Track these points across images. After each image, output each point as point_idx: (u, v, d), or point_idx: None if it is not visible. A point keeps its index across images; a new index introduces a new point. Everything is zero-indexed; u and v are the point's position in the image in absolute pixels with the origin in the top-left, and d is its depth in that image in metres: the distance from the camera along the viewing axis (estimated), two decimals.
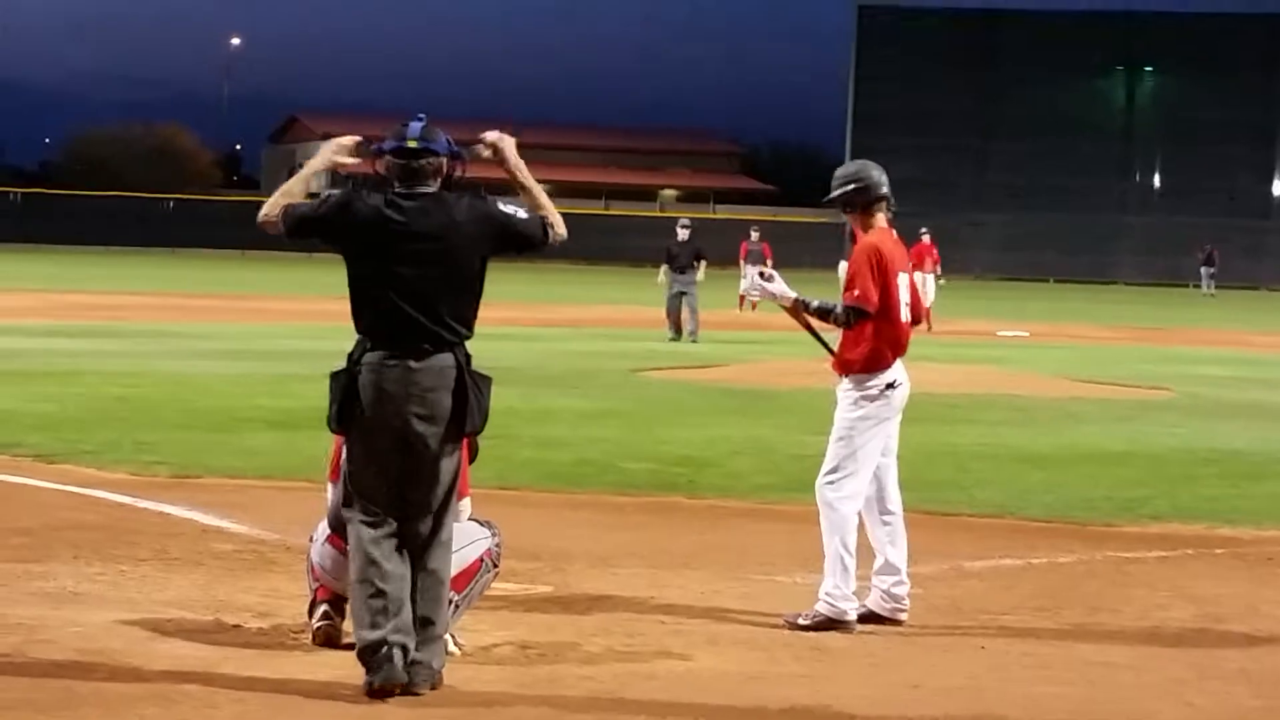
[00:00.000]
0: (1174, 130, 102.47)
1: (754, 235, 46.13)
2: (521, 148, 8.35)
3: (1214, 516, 13.61)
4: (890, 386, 9.47)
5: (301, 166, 8.26)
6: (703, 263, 34.53)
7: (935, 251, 42.29)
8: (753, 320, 41.70)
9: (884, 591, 9.62)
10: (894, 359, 9.54)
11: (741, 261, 45.52)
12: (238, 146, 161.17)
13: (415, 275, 7.72)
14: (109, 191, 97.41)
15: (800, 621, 9.35)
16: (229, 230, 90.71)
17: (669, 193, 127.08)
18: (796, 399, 22.20)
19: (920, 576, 10.88)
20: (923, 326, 39.36)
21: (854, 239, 9.78)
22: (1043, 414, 21.33)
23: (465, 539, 8.61)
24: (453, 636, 8.47)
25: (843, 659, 8.75)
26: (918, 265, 41.99)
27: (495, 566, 8.76)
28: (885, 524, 9.70)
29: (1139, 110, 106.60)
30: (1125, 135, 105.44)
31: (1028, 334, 40.80)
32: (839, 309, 9.42)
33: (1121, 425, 20.39)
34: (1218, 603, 10.34)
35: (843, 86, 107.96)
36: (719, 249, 70.87)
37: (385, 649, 7.59)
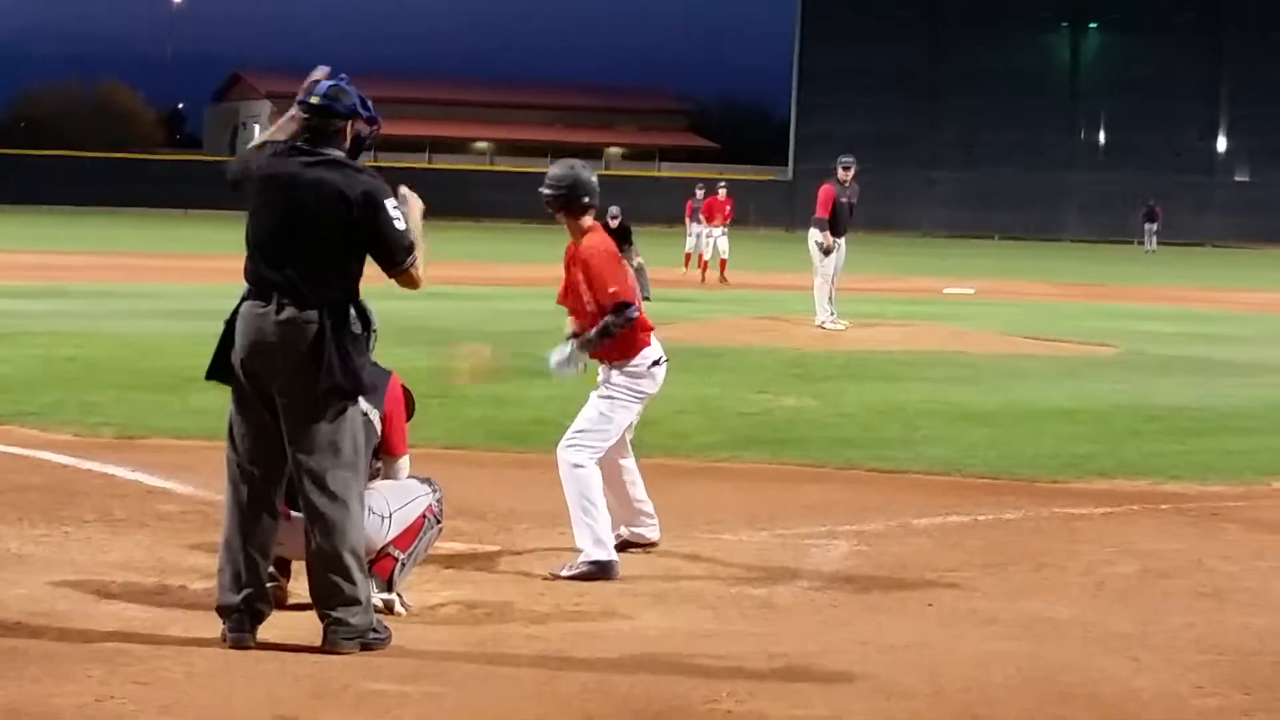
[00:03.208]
0: (1119, 87, 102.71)
1: (699, 193, 46.04)
2: (467, 105, 8.31)
3: (1159, 472, 13.68)
4: (656, 364, 9.95)
5: (245, 126, 8.25)
6: (634, 248, 33.33)
7: (728, 208, 42.74)
8: (704, 278, 41.71)
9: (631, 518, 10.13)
10: (649, 336, 9.97)
11: (687, 219, 45.42)
12: (180, 105, 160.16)
13: (286, 230, 7.71)
14: (52, 150, 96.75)
15: (564, 573, 9.47)
16: (172, 189, 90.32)
17: (614, 150, 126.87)
18: (742, 357, 22.22)
19: (868, 534, 10.95)
20: (714, 277, 40.45)
21: (578, 237, 10.03)
22: (989, 371, 21.39)
23: (406, 496, 8.62)
24: (400, 596, 8.48)
25: (790, 616, 8.76)
26: (709, 219, 42.59)
27: (439, 522, 8.77)
28: (625, 474, 10.11)
29: (1084, 67, 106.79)
30: (1070, 92, 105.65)
31: (973, 291, 40.92)
32: (609, 317, 9.74)
33: (1067, 382, 20.47)
34: (1163, 558, 10.40)
35: (789, 43, 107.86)
36: (665, 207, 70.95)
37: (236, 615, 7.75)
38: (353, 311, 7.88)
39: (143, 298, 30.64)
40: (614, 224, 33.39)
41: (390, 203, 7.80)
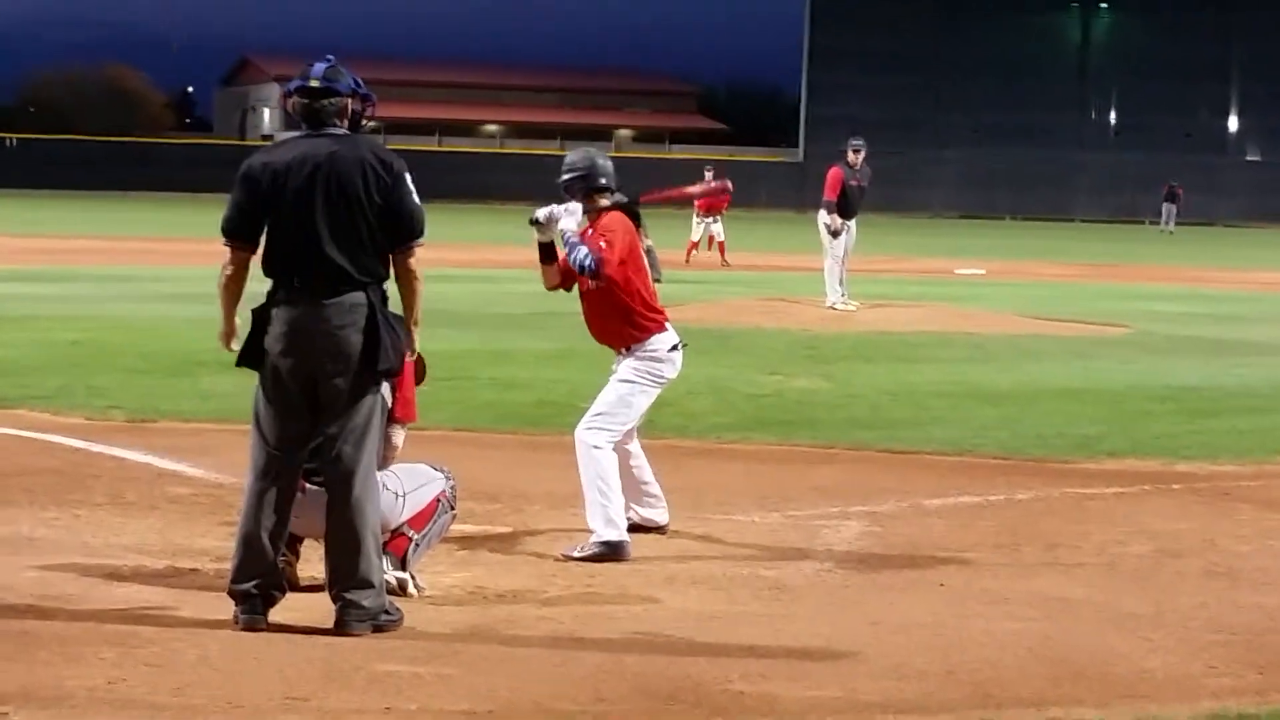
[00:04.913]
0: (1130, 67, 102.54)
1: (708, 175, 46.00)
2: (477, 88, 8.28)
3: (1170, 452, 13.65)
4: (674, 349, 9.97)
5: (254, 110, 8.25)
6: (644, 230, 33.35)
7: (724, 204, 43.22)
8: (709, 261, 41.68)
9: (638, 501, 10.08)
10: (664, 322, 10.01)
11: (694, 203, 45.34)
12: (189, 89, 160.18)
13: (317, 212, 7.69)
14: (61, 135, 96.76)
15: (576, 554, 9.48)
16: (181, 173, 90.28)
17: (624, 133, 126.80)
18: (752, 338, 22.21)
19: (879, 515, 10.93)
20: (712, 260, 40.53)
21: (594, 219, 10.03)
22: (1000, 352, 21.37)
23: (419, 479, 8.60)
24: (413, 577, 8.47)
25: (801, 597, 8.75)
26: (706, 211, 42.72)
27: (452, 508, 8.74)
28: (631, 458, 10.05)
29: (1095, 46, 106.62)
30: (1081, 72, 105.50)
31: (984, 272, 40.88)
32: (587, 259, 9.73)
33: (1078, 362, 20.45)
34: (1175, 538, 10.38)
35: (798, 25, 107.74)
36: None
37: (249, 600, 7.75)
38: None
39: (151, 281, 30.64)
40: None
41: (409, 177, 7.80)
